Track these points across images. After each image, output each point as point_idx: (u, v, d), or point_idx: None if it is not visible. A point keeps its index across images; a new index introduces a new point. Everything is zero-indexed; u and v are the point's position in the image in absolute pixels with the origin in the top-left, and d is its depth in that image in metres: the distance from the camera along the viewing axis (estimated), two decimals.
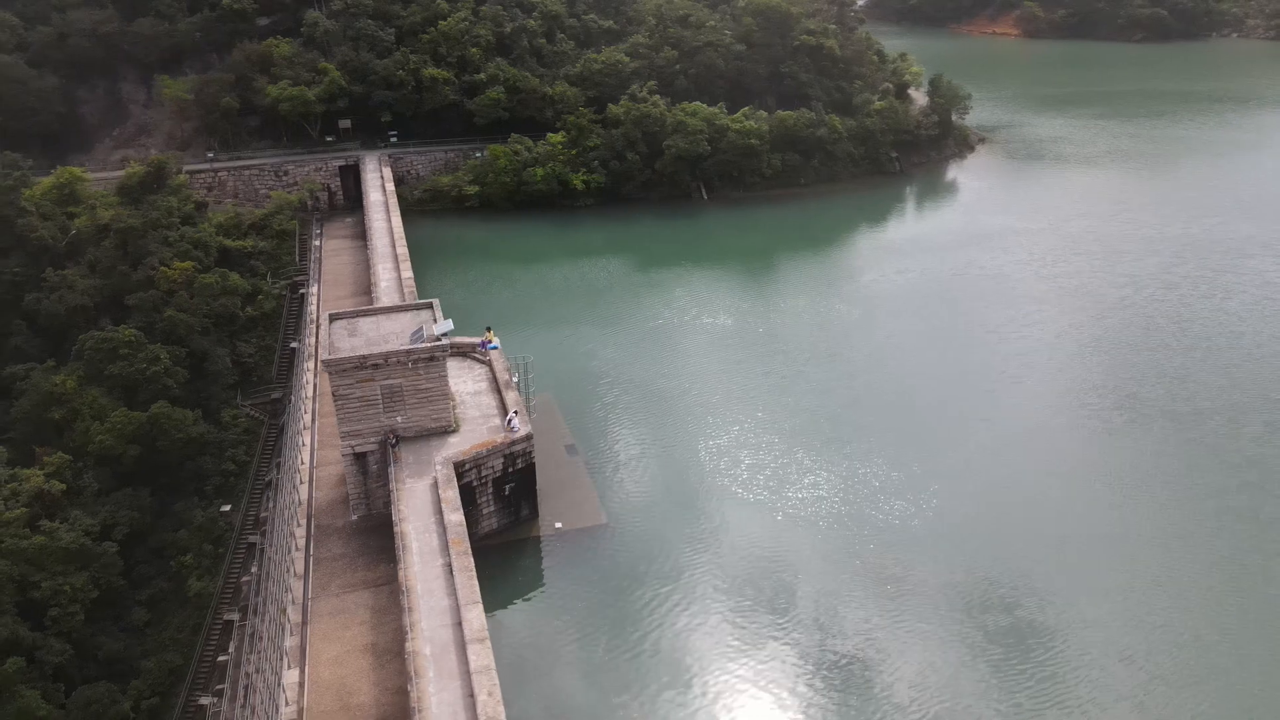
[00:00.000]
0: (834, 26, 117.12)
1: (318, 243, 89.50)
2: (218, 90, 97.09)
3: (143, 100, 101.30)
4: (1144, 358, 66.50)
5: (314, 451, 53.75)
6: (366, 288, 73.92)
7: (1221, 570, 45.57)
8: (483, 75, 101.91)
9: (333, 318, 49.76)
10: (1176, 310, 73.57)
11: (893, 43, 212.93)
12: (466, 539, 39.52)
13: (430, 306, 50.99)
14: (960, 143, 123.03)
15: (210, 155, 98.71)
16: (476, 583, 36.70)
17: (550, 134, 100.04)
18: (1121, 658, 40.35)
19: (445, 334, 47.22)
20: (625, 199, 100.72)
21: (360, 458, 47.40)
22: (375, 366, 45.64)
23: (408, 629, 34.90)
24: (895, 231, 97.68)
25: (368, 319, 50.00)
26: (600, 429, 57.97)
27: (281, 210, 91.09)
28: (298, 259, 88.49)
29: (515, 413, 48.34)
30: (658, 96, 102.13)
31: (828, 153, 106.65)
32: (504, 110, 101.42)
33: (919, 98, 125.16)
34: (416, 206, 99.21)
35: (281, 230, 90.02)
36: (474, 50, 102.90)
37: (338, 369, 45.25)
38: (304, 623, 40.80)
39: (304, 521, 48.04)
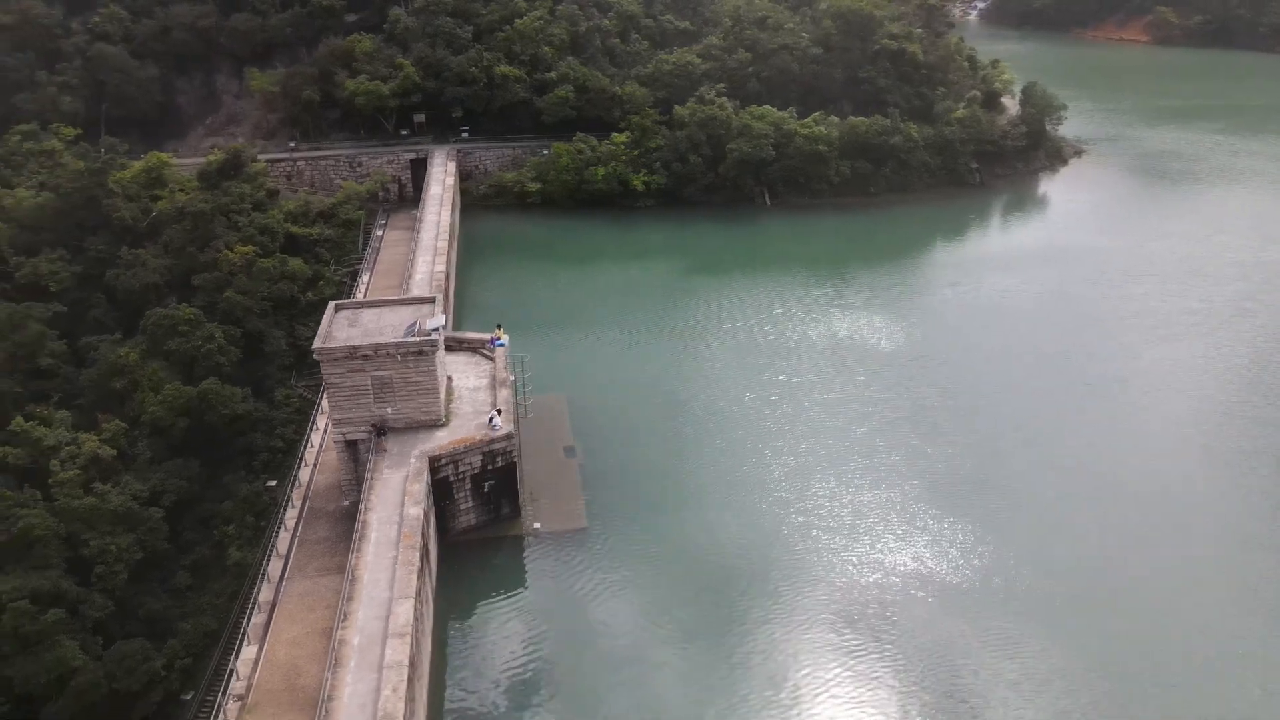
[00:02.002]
0: (920, 31, 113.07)
1: (380, 233, 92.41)
2: (301, 83, 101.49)
3: (235, 91, 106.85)
4: (1192, 388, 61.77)
5: (325, 434, 55.53)
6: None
7: None
8: (553, 74, 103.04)
9: (337, 307, 51.26)
10: (1247, 340, 68.00)
11: (1010, 48, 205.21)
12: (419, 534, 40.05)
13: (433, 301, 51.91)
14: (1052, 155, 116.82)
15: (292, 145, 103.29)
16: (415, 578, 37.14)
17: (615, 134, 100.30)
18: None
19: (436, 329, 47.97)
20: (687, 201, 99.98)
21: (351, 445, 48.75)
22: (365, 357, 46.78)
23: (342, 617, 35.66)
24: (960, 246, 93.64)
25: (370, 310, 51.29)
26: (604, 434, 57.62)
27: (350, 200, 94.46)
28: (361, 248, 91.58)
29: (498, 411, 48.69)
30: (725, 99, 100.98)
31: (901, 161, 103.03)
32: (572, 109, 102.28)
33: (1012, 106, 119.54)
34: (481, 201, 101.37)
35: (348, 220, 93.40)
36: (547, 49, 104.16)
37: (329, 358, 46.63)
38: (274, 602, 42.15)
39: (299, 503, 49.79)
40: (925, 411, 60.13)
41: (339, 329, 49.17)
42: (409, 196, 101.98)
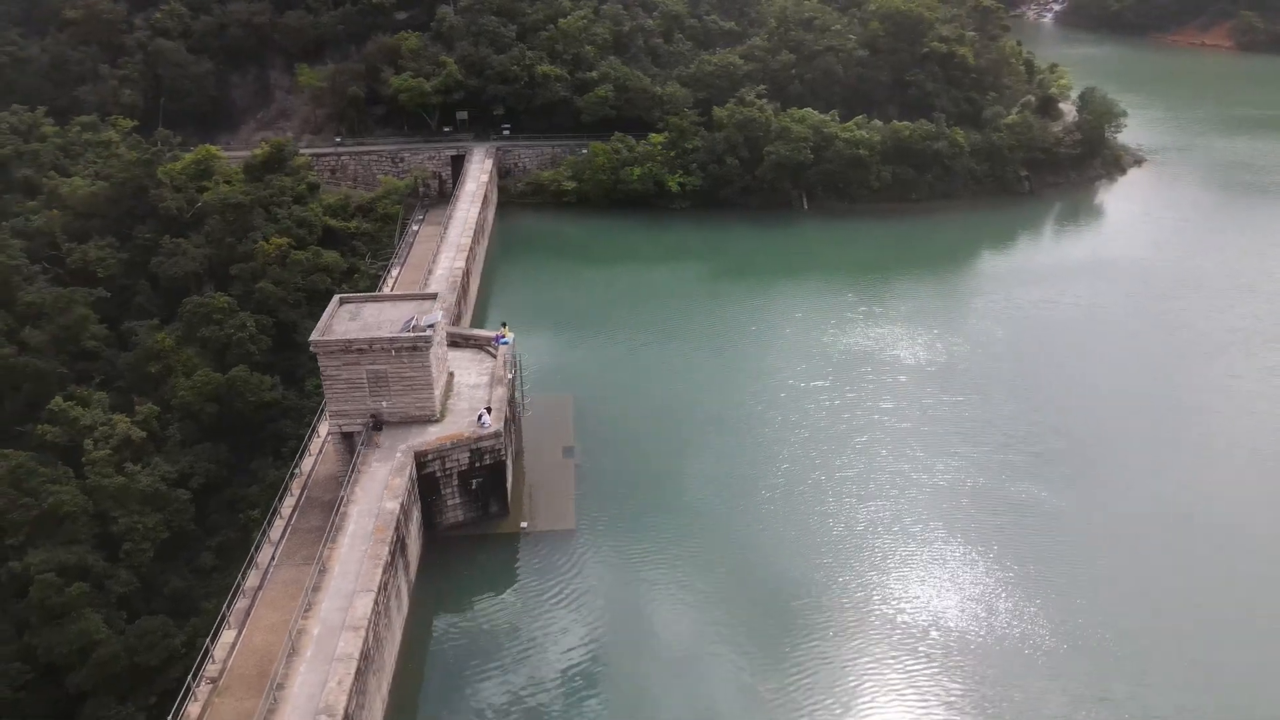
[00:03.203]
0: (972, 34, 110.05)
1: (416, 227, 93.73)
2: (347, 79, 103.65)
3: (286, 86, 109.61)
4: (1225, 408, 58.85)
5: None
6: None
7: None
8: (595, 73, 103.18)
9: (341, 300, 52.10)
10: None
11: (1085, 51, 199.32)
12: (392, 528, 40.43)
13: (434, 297, 52.38)
14: (1110, 164, 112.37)
15: (338, 140, 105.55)
16: (380, 572, 37.48)
17: (652, 134, 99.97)
18: None
19: (431, 325, 48.38)
20: (723, 203, 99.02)
21: (347, 437, 49.56)
22: (360, 351, 47.47)
23: (305, 607, 36.17)
24: (1001, 256, 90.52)
25: (373, 305, 52.03)
26: (607, 435, 57.29)
27: (389, 195, 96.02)
28: (397, 242, 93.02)
29: (487, 409, 48.86)
30: (765, 101, 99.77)
31: (945, 167, 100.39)
32: (611, 108, 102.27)
33: (1070, 112, 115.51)
34: (518, 199, 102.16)
35: (385, 214, 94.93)
36: (589, 48, 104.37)
37: (325, 350, 47.47)
38: (259, 588, 42.96)
39: (297, 492, 50.66)
40: (934, 423, 58.67)
41: (340, 322, 50.00)
42: (449, 192, 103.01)
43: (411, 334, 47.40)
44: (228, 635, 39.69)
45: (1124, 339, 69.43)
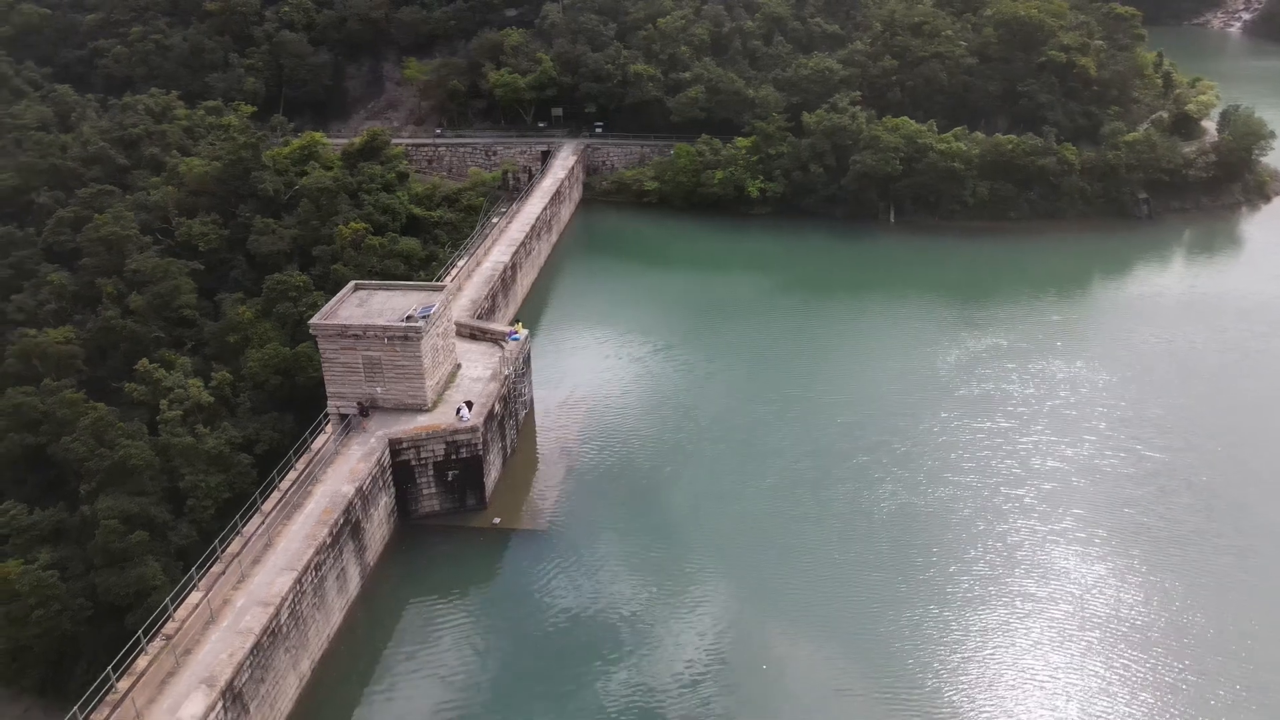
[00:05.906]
0: (1099, 43, 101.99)
1: (496, 220, 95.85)
2: (450, 74, 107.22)
3: (397, 78, 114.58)
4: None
5: None
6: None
7: None
8: (688, 74, 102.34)
9: (356, 286, 53.96)
10: None
11: (1270, 64, 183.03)
12: (341, 511, 41.58)
13: (442, 289, 53.40)
14: (1252, 190, 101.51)
15: (438, 131, 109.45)
16: (312, 552, 38.59)
17: (739, 137, 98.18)
18: None
19: (424, 317, 49.36)
20: (806, 212, 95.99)
21: (344, 419, 51.27)
22: (356, 337, 49.03)
23: (238, 579, 37.68)
24: (1101, 287, 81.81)
25: (383, 293, 53.71)
26: (613, 441, 56.71)
27: (475, 186, 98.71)
28: (476, 233, 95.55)
29: (467, 403, 49.38)
30: (859, 108, 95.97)
31: (1051, 185, 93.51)
32: (701, 110, 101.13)
33: (1213, 130, 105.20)
34: (602, 197, 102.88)
35: (470, 205, 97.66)
36: (684, 49, 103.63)
37: (323, 334, 49.28)
38: (238, 555, 45.10)
39: (300, 468, 52.87)
40: (943, 447, 54.84)
41: (347, 307, 51.82)
42: None
43: (401, 324, 48.55)
44: (194, 597, 41.84)
45: (1194, 381, 62.87)
